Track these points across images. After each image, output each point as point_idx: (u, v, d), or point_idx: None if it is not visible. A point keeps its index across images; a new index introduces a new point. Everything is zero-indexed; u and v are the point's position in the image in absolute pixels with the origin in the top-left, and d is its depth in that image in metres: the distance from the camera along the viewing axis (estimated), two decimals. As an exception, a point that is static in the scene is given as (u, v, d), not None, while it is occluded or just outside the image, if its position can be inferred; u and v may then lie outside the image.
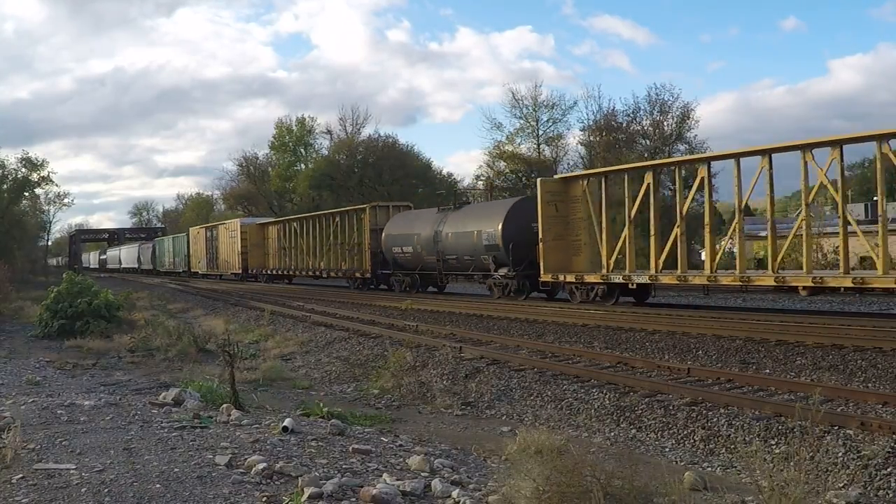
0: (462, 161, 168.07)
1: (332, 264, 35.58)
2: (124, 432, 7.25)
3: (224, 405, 8.86)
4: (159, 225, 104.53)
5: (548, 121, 53.50)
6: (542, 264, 22.22)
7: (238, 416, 8.30)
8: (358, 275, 32.89)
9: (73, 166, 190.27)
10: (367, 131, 66.03)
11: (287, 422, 7.64)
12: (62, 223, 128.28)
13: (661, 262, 19.57)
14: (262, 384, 12.60)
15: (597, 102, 61.91)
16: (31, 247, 65.51)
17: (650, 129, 46.52)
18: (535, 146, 53.63)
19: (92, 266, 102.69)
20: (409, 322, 18.84)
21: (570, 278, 21.60)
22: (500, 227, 23.65)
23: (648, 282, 19.90)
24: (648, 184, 20.06)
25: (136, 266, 74.29)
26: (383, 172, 57.35)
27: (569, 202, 22.42)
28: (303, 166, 67.80)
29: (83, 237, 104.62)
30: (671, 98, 45.59)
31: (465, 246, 25.54)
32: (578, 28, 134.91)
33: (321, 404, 10.05)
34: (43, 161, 53.45)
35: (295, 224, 40.47)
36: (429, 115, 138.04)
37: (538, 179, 23.71)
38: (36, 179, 53.61)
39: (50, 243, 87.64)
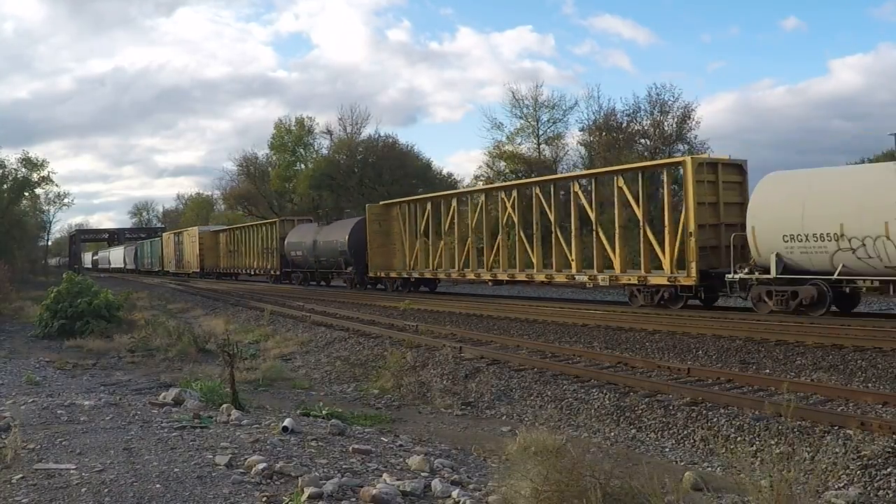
0: (462, 161, 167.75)
1: (259, 264, 44.69)
2: (124, 432, 7.26)
3: (224, 405, 8.87)
4: (159, 225, 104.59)
5: (548, 121, 53.54)
6: (369, 265, 31.45)
7: (238, 416, 8.30)
8: (272, 272, 42.44)
9: (72, 166, 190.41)
10: (367, 131, 66.06)
11: (287, 422, 7.64)
12: (62, 223, 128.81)
13: (435, 262, 28.31)
14: (262, 384, 12.60)
15: (597, 102, 62.00)
16: (31, 247, 65.56)
17: (650, 129, 46.53)
18: (536, 146, 53.64)
19: (86, 266, 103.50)
20: (409, 322, 18.84)
21: (383, 274, 31.18)
22: (347, 237, 33.08)
23: (419, 276, 29.36)
24: (428, 211, 28.88)
25: (122, 266, 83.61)
26: (383, 172, 57.34)
27: (390, 221, 31.59)
28: (302, 166, 67.78)
29: (83, 237, 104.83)
30: (672, 98, 45.63)
31: (329, 251, 35.04)
32: (579, 28, 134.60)
33: (321, 404, 10.06)
34: (43, 161, 53.65)
35: (237, 232, 49.84)
36: (429, 115, 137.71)
37: (367, 205, 32.91)
38: (36, 179, 53.77)
39: (50, 243, 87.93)
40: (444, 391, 11.91)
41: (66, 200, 66.32)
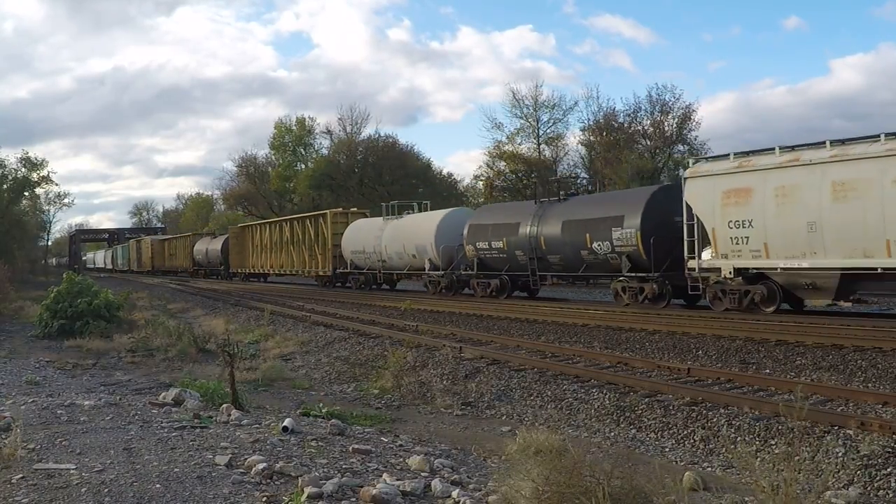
0: (462, 161, 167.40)
1: (185, 265, 62.29)
2: (124, 432, 7.26)
3: (224, 405, 8.87)
4: (159, 225, 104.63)
5: (548, 121, 53.54)
6: (230, 265, 50.29)
7: (238, 416, 8.31)
8: (190, 270, 60.57)
9: (72, 166, 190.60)
10: (367, 131, 66.08)
11: (287, 422, 7.64)
12: (62, 223, 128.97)
13: (260, 263, 45.81)
14: (262, 384, 12.60)
15: (596, 102, 61.95)
16: (31, 247, 65.54)
17: (651, 129, 46.51)
18: (536, 146, 53.64)
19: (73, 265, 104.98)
20: (409, 322, 18.84)
21: (238, 271, 49.65)
22: (220, 247, 52.54)
23: (254, 271, 47.53)
24: (259, 232, 46.15)
25: (104, 266, 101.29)
26: (383, 172, 57.41)
27: (243, 237, 49.08)
28: (302, 166, 67.77)
29: (83, 237, 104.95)
30: (672, 98, 45.61)
31: (213, 256, 54.40)
32: (579, 27, 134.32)
33: (321, 404, 10.07)
34: (43, 161, 53.50)
35: (174, 241, 68.60)
36: (430, 115, 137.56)
37: (229, 227, 54.53)
38: (36, 179, 53.60)
39: (50, 243, 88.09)
40: (444, 391, 11.91)
41: (66, 200, 66.38)
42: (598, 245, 19.77)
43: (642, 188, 23.80)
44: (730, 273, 16.37)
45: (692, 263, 17.12)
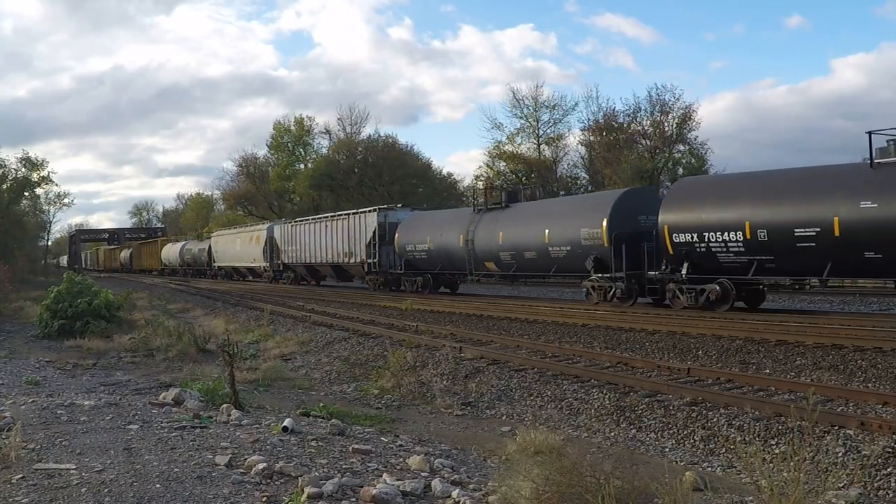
0: (462, 160, 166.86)
1: (116, 265, 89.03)
2: (124, 432, 7.26)
3: (224, 405, 8.87)
4: (159, 225, 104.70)
5: (549, 121, 53.56)
6: (134, 265, 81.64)
7: (238, 416, 8.31)
8: (118, 268, 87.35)
9: (72, 166, 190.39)
10: (366, 131, 66.04)
11: (287, 422, 7.64)
12: (62, 223, 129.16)
13: (146, 264, 76.82)
14: (262, 384, 12.60)
15: (595, 102, 61.97)
16: (31, 247, 65.55)
17: (650, 129, 46.48)
18: (536, 146, 53.66)
19: (62, 265, 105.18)
20: (409, 322, 18.84)
21: (136, 268, 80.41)
22: (129, 254, 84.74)
23: (146, 269, 76.89)
24: (150, 245, 79.34)
25: (83, 266, 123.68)
26: (383, 172, 57.33)
27: (140, 249, 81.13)
28: (302, 166, 67.73)
29: (83, 237, 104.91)
30: (672, 98, 45.56)
31: (126, 259, 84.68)
32: (581, 26, 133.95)
33: (321, 404, 10.07)
34: (43, 161, 53.47)
35: (113, 250, 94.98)
36: (431, 115, 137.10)
37: (134, 243, 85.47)
38: (36, 179, 53.58)
39: (50, 243, 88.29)
40: (445, 391, 11.91)
41: (65, 200, 66.57)
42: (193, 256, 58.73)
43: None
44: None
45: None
